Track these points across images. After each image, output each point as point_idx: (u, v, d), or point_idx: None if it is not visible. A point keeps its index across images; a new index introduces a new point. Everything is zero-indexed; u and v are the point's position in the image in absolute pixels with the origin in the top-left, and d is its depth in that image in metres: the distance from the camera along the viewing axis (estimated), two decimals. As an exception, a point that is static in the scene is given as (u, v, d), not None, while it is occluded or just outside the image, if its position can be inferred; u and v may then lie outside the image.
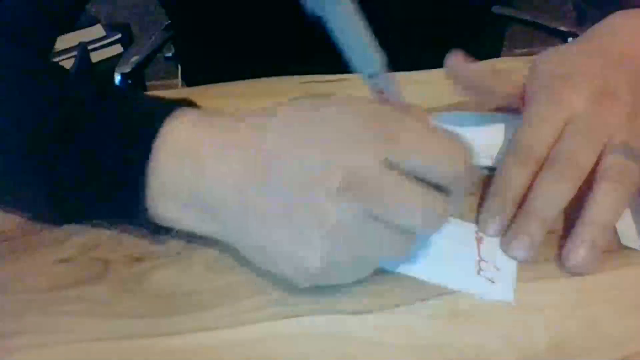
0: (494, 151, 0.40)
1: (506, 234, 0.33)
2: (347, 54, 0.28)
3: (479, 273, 0.32)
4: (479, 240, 0.34)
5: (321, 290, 0.30)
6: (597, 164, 0.34)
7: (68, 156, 0.31)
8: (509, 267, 0.32)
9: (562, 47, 0.41)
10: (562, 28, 0.88)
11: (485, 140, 0.41)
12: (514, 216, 0.34)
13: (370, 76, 0.29)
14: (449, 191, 0.29)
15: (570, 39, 0.87)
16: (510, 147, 0.36)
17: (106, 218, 0.35)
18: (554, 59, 0.40)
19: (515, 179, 0.35)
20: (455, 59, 0.40)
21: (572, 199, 0.33)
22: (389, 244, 0.28)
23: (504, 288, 0.31)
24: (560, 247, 0.33)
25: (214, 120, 0.31)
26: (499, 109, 0.44)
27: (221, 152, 0.30)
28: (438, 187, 0.28)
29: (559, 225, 0.34)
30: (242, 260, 0.32)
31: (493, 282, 0.31)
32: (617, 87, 0.36)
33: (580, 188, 0.33)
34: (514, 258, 0.32)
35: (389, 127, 0.28)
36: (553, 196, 0.32)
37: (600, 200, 0.32)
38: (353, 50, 0.28)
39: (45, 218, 0.36)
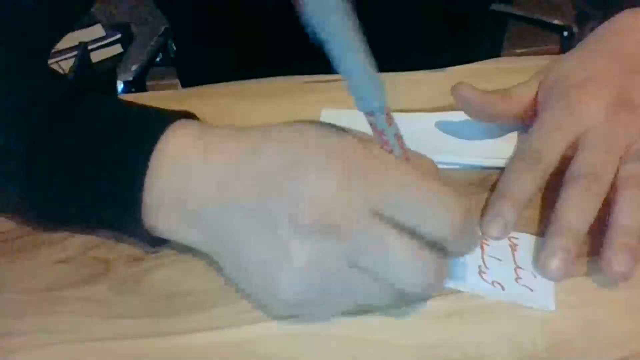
0: (501, 153, 0.40)
1: (540, 252, 0.32)
2: (348, 87, 0.26)
3: (517, 280, 0.31)
4: (513, 248, 0.33)
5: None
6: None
7: (54, 167, 0.31)
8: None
9: (575, 52, 0.41)
10: (562, 24, 0.88)
11: (493, 141, 0.41)
12: (546, 234, 0.33)
13: (370, 114, 0.27)
14: (445, 250, 0.27)
15: (565, 33, 0.87)
16: (520, 150, 0.36)
17: (98, 228, 0.35)
18: (568, 64, 0.40)
19: (523, 183, 0.34)
20: (464, 89, 0.40)
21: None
22: (371, 293, 0.27)
23: (545, 296, 0.31)
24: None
25: (210, 134, 0.31)
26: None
27: (206, 162, 0.30)
28: (436, 246, 0.27)
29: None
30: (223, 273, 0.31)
31: (533, 290, 0.31)
32: (634, 95, 0.36)
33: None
34: (550, 276, 0.31)
35: (385, 176, 0.27)
36: (584, 212, 0.32)
37: (626, 208, 0.32)
38: (354, 85, 0.26)
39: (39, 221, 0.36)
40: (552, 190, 0.35)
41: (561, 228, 0.32)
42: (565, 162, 0.35)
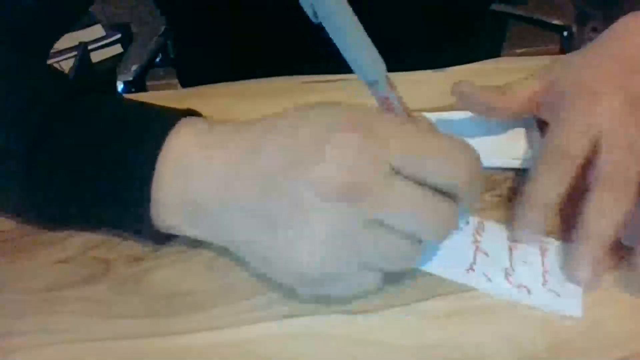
0: (502, 153, 0.40)
1: (570, 257, 0.32)
2: (348, 60, 0.28)
3: (544, 285, 0.31)
4: (542, 253, 0.33)
5: (321, 290, 0.30)
6: None
7: (57, 167, 0.31)
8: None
9: (577, 54, 0.41)
10: (562, 24, 0.88)
11: (493, 141, 0.41)
12: (576, 239, 0.33)
13: (372, 84, 0.29)
14: (457, 198, 0.28)
15: (565, 33, 0.87)
16: (544, 154, 0.36)
17: (98, 227, 0.35)
18: (570, 66, 0.40)
19: (549, 185, 0.34)
20: (465, 86, 0.40)
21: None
22: (394, 251, 0.28)
23: (572, 302, 0.30)
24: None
25: (211, 133, 0.31)
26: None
27: (207, 162, 0.30)
28: (447, 194, 0.28)
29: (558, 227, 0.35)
30: (242, 260, 0.32)
31: (560, 295, 0.31)
32: (634, 95, 0.36)
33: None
34: (579, 282, 0.31)
35: (393, 134, 0.28)
36: (609, 216, 0.32)
37: None
38: (353, 57, 0.28)
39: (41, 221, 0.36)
40: (579, 193, 0.34)
41: (588, 234, 0.32)
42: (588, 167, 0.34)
